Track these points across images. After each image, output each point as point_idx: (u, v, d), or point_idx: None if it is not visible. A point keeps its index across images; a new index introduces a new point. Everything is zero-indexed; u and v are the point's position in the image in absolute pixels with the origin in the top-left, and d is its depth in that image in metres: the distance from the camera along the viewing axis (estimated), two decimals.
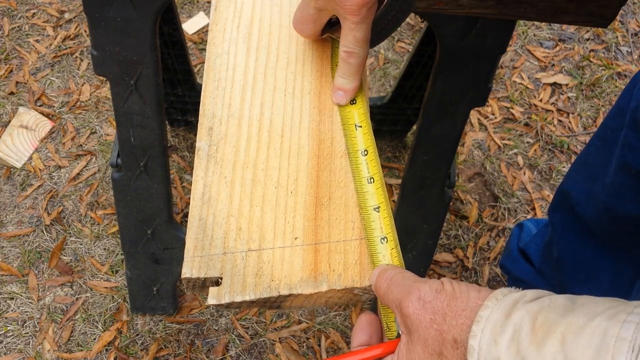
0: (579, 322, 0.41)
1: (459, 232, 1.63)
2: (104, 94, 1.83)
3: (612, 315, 0.40)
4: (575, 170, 1.08)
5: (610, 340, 0.39)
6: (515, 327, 0.43)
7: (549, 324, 0.42)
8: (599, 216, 0.98)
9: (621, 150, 0.88)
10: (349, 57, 0.60)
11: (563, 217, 1.10)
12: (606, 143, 0.95)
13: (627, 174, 0.88)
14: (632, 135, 0.84)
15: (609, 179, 0.92)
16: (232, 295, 0.53)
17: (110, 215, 1.60)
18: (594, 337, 0.39)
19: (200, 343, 1.42)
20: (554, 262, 1.16)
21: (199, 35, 1.99)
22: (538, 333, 0.42)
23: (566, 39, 2.07)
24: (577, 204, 1.03)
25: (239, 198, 0.58)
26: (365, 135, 0.61)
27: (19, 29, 1.98)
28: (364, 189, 0.58)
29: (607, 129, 0.96)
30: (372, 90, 1.89)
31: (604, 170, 0.95)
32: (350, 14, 0.56)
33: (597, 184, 0.98)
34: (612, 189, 0.92)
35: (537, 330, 0.42)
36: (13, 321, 1.43)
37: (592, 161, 1.01)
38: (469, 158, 1.76)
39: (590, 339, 0.39)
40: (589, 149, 1.03)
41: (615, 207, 0.93)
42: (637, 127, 0.83)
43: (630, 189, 0.88)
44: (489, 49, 0.95)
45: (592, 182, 0.99)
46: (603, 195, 0.95)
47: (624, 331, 0.39)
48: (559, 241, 1.13)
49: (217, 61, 0.65)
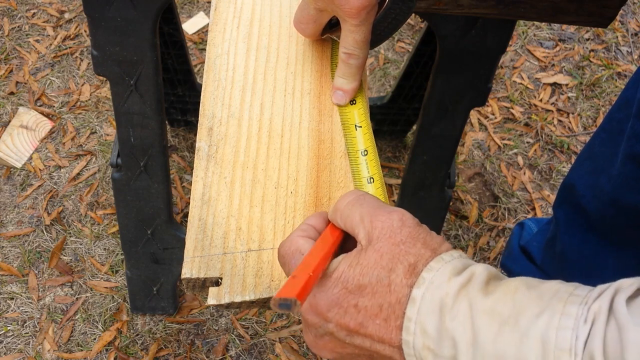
0: (533, 282, 0.42)
1: (459, 232, 1.63)
2: (104, 94, 1.83)
3: (566, 283, 0.41)
4: (579, 164, 1.08)
5: (563, 294, 0.39)
6: (471, 275, 0.43)
7: (503, 279, 0.43)
8: (604, 209, 0.98)
9: (628, 141, 0.88)
10: (349, 58, 0.60)
11: (567, 211, 1.10)
12: (612, 135, 0.95)
13: (634, 165, 0.88)
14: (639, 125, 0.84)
15: (616, 170, 0.92)
16: (232, 295, 0.53)
17: (110, 215, 1.60)
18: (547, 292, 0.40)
19: (200, 343, 1.42)
20: (557, 257, 1.16)
21: (199, 35, 1.99)
22: (491, 284, 0.42)
23: (566, 39, 2.07)
24: (582, 197, 1.03)
25: (238, 198, 0.58)
26: (365, 136, 0.61)
27: (19, 29, 1.98)
28: (364, 189, 0.58)
29: (613, 121, 0.96)
30: (372, 90, 1.89)
31: (609, 162, 0.94)
32: (349, 16, 0.56)
33: (602, 176, 0.97)
34: (619, 181, 0.92)
35: (490, 281, 0.43)
36: (13, 321, 1.43)
37: (598, 154, 1.00)
38: (469, 158, 1.76)
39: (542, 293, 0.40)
40: (593, 141, 1.03)
41: (621, 198, 0.93)
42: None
43: (638, 180, 0.88)
44: (489, 49, 0.95)
45: (597, 175, 0.99)
46: (609, 187, 0.95)
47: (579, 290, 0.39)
48: (563, 236, 1.12)
49: (217, 61, 0.65)
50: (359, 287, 0.44)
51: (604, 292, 0.38)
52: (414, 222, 0.47)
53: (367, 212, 0.47)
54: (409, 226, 0.46)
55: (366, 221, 0.47)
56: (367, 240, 0.46)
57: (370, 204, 0.49)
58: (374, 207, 0.48)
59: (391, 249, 0.45)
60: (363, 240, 0.47)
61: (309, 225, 0.51)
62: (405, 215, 0.47)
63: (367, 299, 0.44)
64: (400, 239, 0.45)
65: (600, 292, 0.38)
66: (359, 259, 0.45)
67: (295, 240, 0.49)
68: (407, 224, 0.46)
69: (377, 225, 0.46)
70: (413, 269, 0.44)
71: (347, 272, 0.45)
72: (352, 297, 0.45)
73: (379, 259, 0.45)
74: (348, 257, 0.46)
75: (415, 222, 0.47)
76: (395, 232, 0.46)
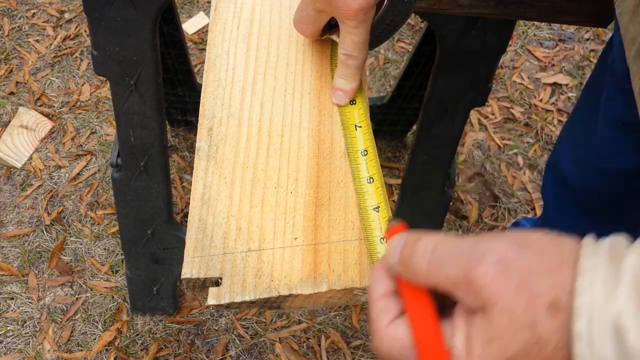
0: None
1: (459, 232, 1.63)
2: (104, 94, 1.83)
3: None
4: (562, 140, 1.09)
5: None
6: (633, 273, 0.33)
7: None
8: (589, 181, 1.00)
9: (604, 107, 0.90)
10: (348, 59, 0.60)
11: (555, 190, 1.12)
12: (588, 107, 0.97)
13: (613, 128, 0.89)
14: (612, 89, 0.86)
15: (597, 139, 0.94)
16: (231, 295, 0.53)
17: (110, 215, 1.60)
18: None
19: (200, 343, 1.42)
20: None
21: (199, 35, 1.99)
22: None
23: (566, 39, 2.07)
24: (567, 172, 1.05)
25: (238, 198, 0.58)
26: (364, 136, 0.61)
27: (19, 29, 1.98)
28: (363, 189, 0.58)
29: (588, 95, 0.98)
30: (372, 90, 1.89)
31: (590, 132, 0.96)
32: (347, 18, 0.56)
33: (583, 149, 1.00)
34: (601, 148, 0.93)
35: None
36: (13, 321, 1.43)
37: (577, 128, 1.03)
38: (469, 158, 1.76)
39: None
40: (573, 118, 1.05)
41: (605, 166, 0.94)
42: (615, 79, 0.84)
43: (619, 142, 0.90)
44: (489, 49, 0.95)
45: (578, 149, 1.01)
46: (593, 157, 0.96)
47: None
48: (553, 216, 1.13)
49: (217, 61, 0.65)
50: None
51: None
52: (515, 251, 0.37)
53: (457, 273, 0.38)
54: (514, 260, 0.36)
55: (464, 286, 0.37)
56: (480, 304, 0.37)
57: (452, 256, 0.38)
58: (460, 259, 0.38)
59: (517, 301, 0.35)
60: (473, 304, 0.37)
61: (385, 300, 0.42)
62: (501, 250, 0.37)
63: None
64: (516, 282, 0.36)
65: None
66: (490, 332, 0.36)
67: (391, 335, 0.40)
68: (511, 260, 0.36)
69: (480, 284, 0.36)
70: (557, 307, 0.35)
71: (486, 352, 0.36)
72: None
73: (512, 321, 0.36)
74: (475, 332, 0.37)
75: (516, 250, 0.37)
76: (505, 279, 0.36)
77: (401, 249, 0.41)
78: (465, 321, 0.38)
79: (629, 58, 0.73)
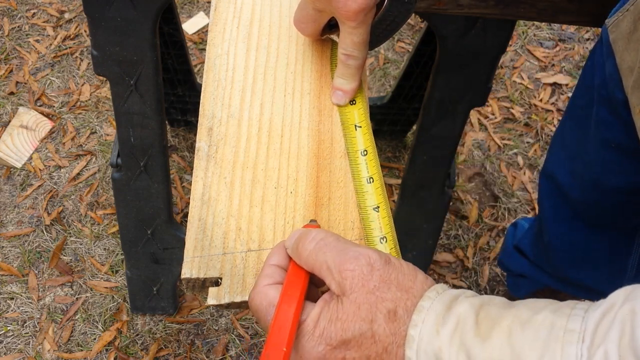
0: (524, 315, 0.41)
1: (459, 232, 1.63)
2: (104, 94, 1.83)
3: (556, 310, 0.41)
4: (554, 153, 1.09)
5: (558, 331, 0.39)
6: (458, 318, 0.42)
7: (493, 318, 0.42)
8: (586, 194, 0.99)
9: (596, 127, 0.89)
10: (348, 59, 0.60)
11: (552, 201, 1.11)
12: (579, 122, 0.97)
13: (607, 149, 0.89)
14: (604, 111, 0.86)
15: (591, 156, 0.93)
16: (231, 295, 0.53)
17: (110, 215, 1.60)
18: (541, 330, 0.39)
19: (200, 343, 1.42)
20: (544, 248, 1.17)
21: (199, 35, 1.99)
22: (482, 325, 0.42)
23: (566, 39, 2.07)
24: (564, 185, 1.05)
25: (238, 198, 0.58)
26: (364, 136, 0.61)
27: (19, 29, 1.98)
28: (363, 189, 0.58)
29: (577, 108, 0.97)
30: (372, 90, 1.89)
31: (582, 148, 0.96)
32: (347, 18, 0.56)
33: (577, 162, 0.99)
34: (597, 167, 0.93)
35: (481, 322, 0.42)
36: (13, 321, 1.43)
37: (569, 141, 1.02)
38: (469, 158, 1.76)
39: (537, 331, 0.39)
40: (563, 130, 1.05)
41: (603, 182, 0.94)
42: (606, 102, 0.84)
43: (614, 162, 0.90)
44: (489, 49, 0.95)
45: (572, 162, 1.01)
46: (587, 173, 0.96)
47: (572, 323, 0.39)
48: (551, 226, 1.13)
49: (217, 61, 0.65)
50: (342, 342, 0.44)
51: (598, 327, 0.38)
52: (382, 262, 0.46)
53: (332, 261, 0.46)
54: (378, 269, 0.45)
55: (335, 272, 0.46)
56: (340, 290, 0.45)
57: (334, 249, 0.47)
58: (339, 252, 0.47)
59: (367, 298, 0.44)
60: (335, 289, 0.46)
61: (273, 268, 0.50)
62: (372, 257, 0.46)
63: (354, 352, 0.44)
64: (373, 285, 0.45)
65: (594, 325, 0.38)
66: (337, 314, 0.45)
67: (264, 292, 0.48)
68: (376, 267, 0.45)
69: (346, 275, 0.45)
70: (394, 315, 0.44)
71: (328, 328, 0.45)
72: (338, 352, 0.45)
73: (357, 311, 0.44)
74: (326, 311, 0.46)
75: (383, 262, 0.46)
76: (366, 279, 0.45)
77: (298, 235, 0.50)
78: (324, 302, 0.46)
79: (627, 88, 0.73)
